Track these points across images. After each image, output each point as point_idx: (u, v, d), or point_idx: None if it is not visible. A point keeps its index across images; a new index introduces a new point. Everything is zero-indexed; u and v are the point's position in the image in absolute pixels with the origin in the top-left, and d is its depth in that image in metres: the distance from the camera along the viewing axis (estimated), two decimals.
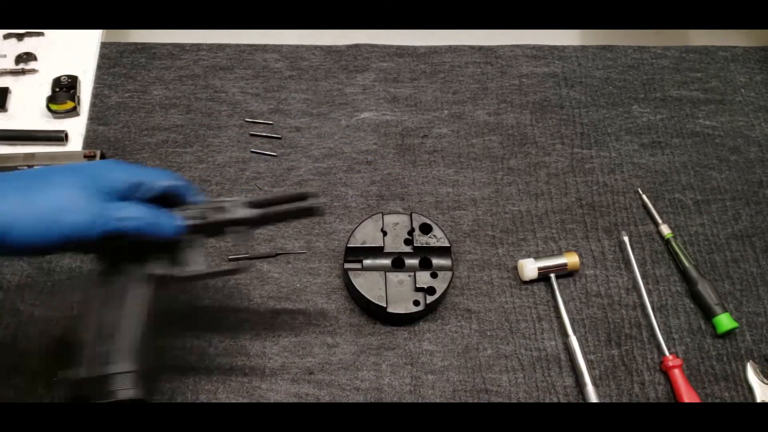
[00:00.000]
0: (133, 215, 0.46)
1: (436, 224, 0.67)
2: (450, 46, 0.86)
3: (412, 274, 0.65)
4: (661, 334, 0.65)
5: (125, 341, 0.47)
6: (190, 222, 0.51)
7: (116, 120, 0.79)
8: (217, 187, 0.74)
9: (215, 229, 0.52)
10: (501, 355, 0.64)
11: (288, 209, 0.54)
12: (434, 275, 0.65)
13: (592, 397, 0.61)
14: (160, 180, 0.50)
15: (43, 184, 0.45)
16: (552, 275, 0.68)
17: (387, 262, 0.66)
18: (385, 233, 0.67)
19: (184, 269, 0.52)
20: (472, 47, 0.86)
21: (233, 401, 0.62)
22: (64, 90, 0.78)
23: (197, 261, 0.52)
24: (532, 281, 0.68)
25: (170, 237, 0.49)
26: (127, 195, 0.48)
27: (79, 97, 0.79)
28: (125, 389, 0.45)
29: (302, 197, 0.54)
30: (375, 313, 0.65)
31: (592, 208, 0.73)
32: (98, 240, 0.45)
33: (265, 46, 0.85)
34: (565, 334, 0.65)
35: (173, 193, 0.51)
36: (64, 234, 0.43)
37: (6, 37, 0.84)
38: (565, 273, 0.68)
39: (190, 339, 0.65)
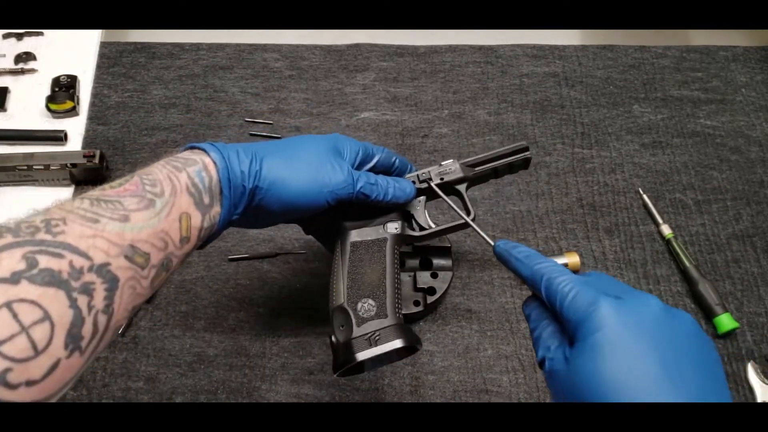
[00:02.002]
0: (378, 182, 0.51)
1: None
2: (450, 46, 0.86)
3: (412, 274, 0.65)
4: None
5: (390, 297, 0.50)
6: (417, 186, 0.56)
7: (116, 120, 0.79)
8: None
9: (437, 190, 0.56)
10: (501, 355, 0.64)
11: (507, 162, 0.58)
12: (434, 275, 0.65)
13: None
14: (386, 154, 0.54)
15: (298, 147, 0.48)
16: None
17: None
18: None
19: (415, 229, 0.56)
20: (472, 47, 0.85)
21: (233, 401, 0.61)
22: (63, 90, 0.78)
23: (424, 221, 0.56)
24: None
25: (409, 201, 0.54)
26: (358, 165, 0.52)
27: (78, 96, 0.79)
28: (401, 339, 0.48)
29: (523, 149, 0.58)
30: None
31: (592, 208, 0.73)
32: (347, 201, 0.49)
33: (265, 45, 0.85)
34: None
35: (392, 165, 0.55)
36: (331, 191, 0.47)
37: (5, 36, 0.84)
38: None
39: (190, 339, 0.65)
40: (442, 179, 0.56)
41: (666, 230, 0.71)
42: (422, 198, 0.57)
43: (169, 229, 0.39)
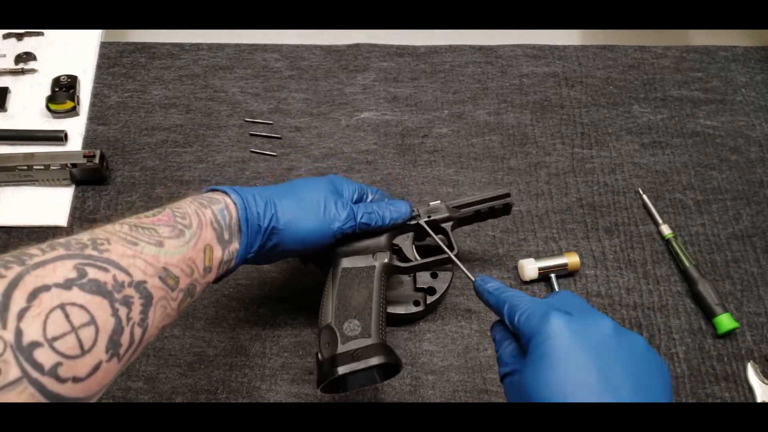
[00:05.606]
0: (374, 209, 0.56)
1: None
2: (450, 46, 0.86)
3: (412, 274, 0.65)
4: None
5: (375, 318, 0.53)
6: (408, 224, 0.59)
7: (116, 120, 0.79)
8: None
9: (424, 227, 0.59)
10: None
11: (490, 206, 0.62)
12: (434, 275, 0.65)
13: None
14: (379, 195, 0.60)
15: (304, 190, 0.54)
16: (552, 275, 0.67)
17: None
18: None
19: (402, 261, 0.59)
20: (472, 47, 0.85)
21: (233, 401, 0.62)
22: (63, 90, 0.78)
23: (411, 255, 0.59)
24: (532, 281, 0.68)
25: (407, 219, 0.58)
26: (354, 202, 0.56)
27: (78, 96, 0.79)
28: (382, 356, 0.50)
29: (505, 195, 0.62)
30: None
31: (592, 208, 0.73)
32: (349, 234, 0.54)
33: (265, 45, 0.85)
34: None
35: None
36: (339, 227, 0.53)
37: (6, 36, 0.84)
38: (565, 273, 0.68)
39: (190, 339, 0.65)
40: (429, 217, 0.60)
41: (666, 230, 0.71)
42: (410, 234, 0.60)
43: (195, 257, 0.43)
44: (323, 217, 0.52)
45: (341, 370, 0.49)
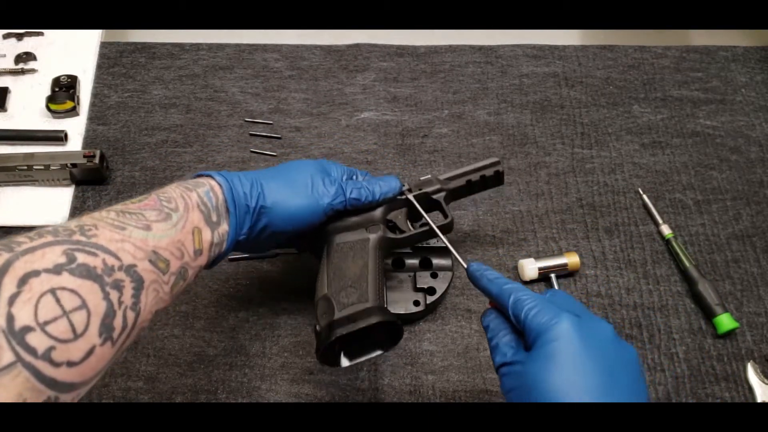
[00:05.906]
0: (364, 185, 0.56)
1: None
2: (450, 46, 0.86)
3: (412, 274, 0.65)
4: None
5: (372, 284, 0.53)
6: (399, 198, 0.59)
7: (116, 120, 0.79)
8: None
9: (419, 200, 0.59)
10: None
11: (481, 174, 0.61)
12: (434, 275, 0.65)
13: None
14: (369, 176, 0.59)
15: (292, 170, 0.54)
16: (552, 275, 0.67)
17: (387, 262, 0.66)
18: None
19: (395, 234, 0.59)
20: (472, 47, 0.85)
21: (233, 401, 0.62)
22: (63, 90, 0.78)
23: (406, 228, 0.59)
24: (532, 281, 0.68)
25: (398, 192, 0.58)
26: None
27: (78, 96, 0.79)
28: (378, 316, 0.50)
29: (495, 163, 0.62)
30: None
31: (592, 208, 0.73)
32: (340, 210, 0.54)
33: (265, 45, 0.85)
34: None
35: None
36: (328, 203, 0.53)
37: (6, 36, 0.84)
38: (565, 273, 0.68)
39: (190, 339, 0.65)
40: (420, 189, 0.60)
41: (666, 230, 0.71)
42: (404, 209, 0.60)
43: (184, 240, 0.44)
44: (311, 194, 0.53)
45: (339, 332, 0.49)
